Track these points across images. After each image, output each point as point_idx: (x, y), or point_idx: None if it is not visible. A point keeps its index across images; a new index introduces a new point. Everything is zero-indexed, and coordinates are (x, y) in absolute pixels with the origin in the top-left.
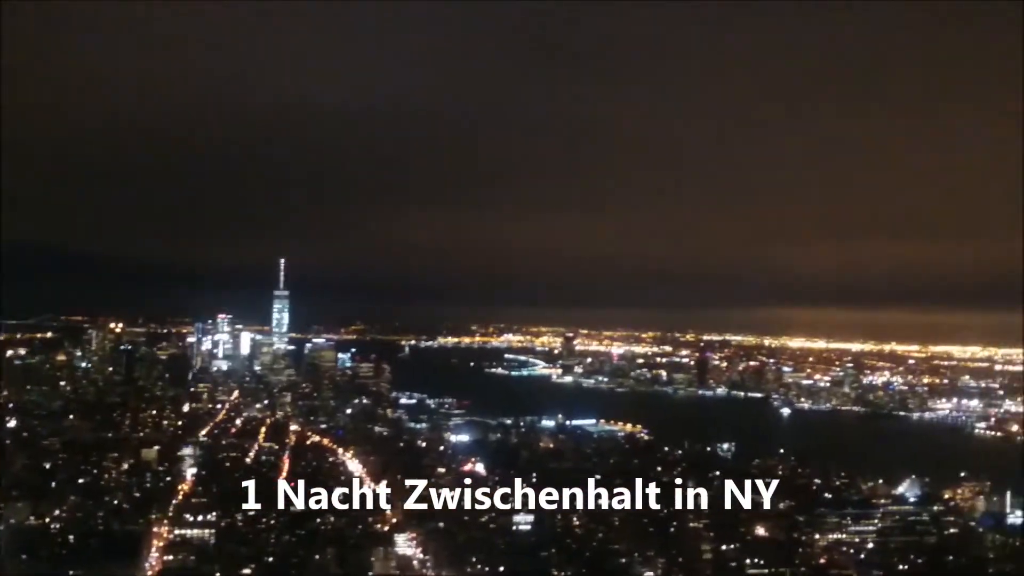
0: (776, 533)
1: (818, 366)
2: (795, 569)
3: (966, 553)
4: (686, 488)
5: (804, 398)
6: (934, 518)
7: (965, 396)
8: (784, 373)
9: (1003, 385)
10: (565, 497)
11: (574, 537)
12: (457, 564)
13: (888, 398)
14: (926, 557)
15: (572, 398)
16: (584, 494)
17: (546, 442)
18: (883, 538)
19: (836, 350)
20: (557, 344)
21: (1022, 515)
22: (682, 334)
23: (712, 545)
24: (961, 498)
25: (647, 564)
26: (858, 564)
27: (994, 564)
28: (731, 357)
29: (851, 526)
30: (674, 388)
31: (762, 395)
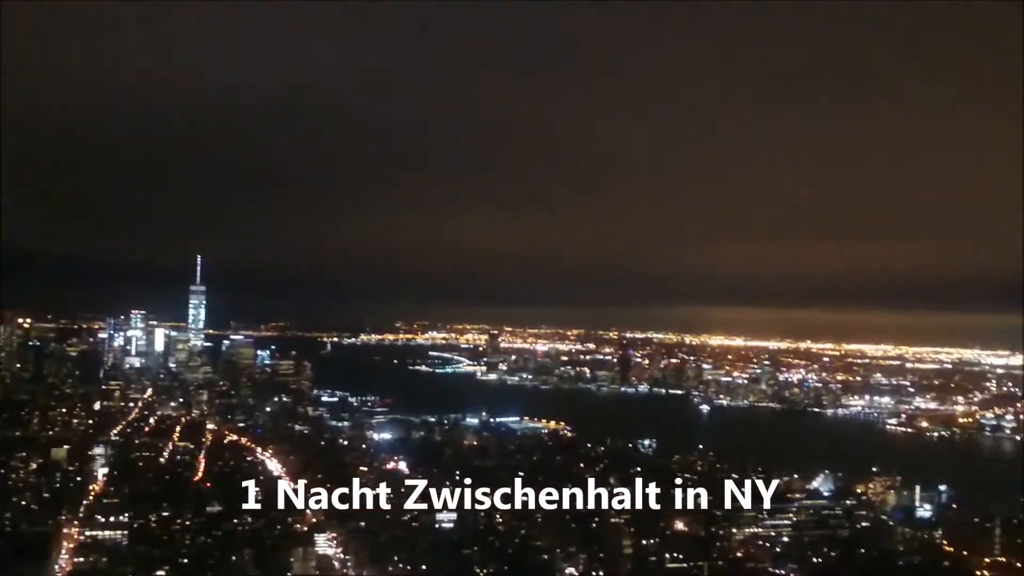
0: (694, 528)
1: (737, 363)
2: (712, 563)
3: (877, 546)
4: (608, 485)
5: (723, 395)
6: (847, 512)
7: (877, 393)
8: (704, 370)
9: (913, 382)
10: (488, 495)
11: (497, 535)
12: (379, 563)
13: (803, 395)
14: (839, 550)
15: (496, 395)
16: (507, 491)
17: (470, 440)
18: (798, 532)
19: (754, 348)
20: (482, 342)
21: (931, 509)
22: (605, 332)
23: (633, 540)
24: (873, 492)
25: (569, 560)
26: (774, 557)
27: (904, 556)
28: (653, 355)
29: (767, 520)
30: (597, 385)
31: (683, 392)
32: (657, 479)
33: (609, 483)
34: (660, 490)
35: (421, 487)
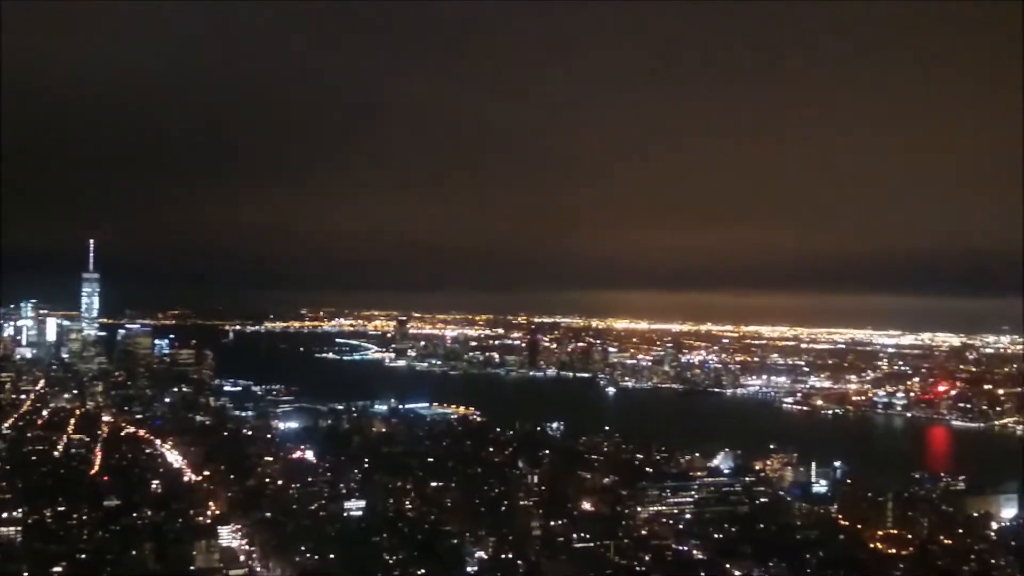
0: (601, 507)
1: (641, 346)
2: (618, 541)
3: (775, 521)
4: (517, 468)
5: (628, 377)
6: (746, 488)
7: (774, 373)
8: (610, 353)
9: (808, 362)
10: (397, 481)
11: (406, 520)
12: (285, 554)
13: (704, 376)
14: (739, 526)
15: (405, 382)
16: (417, 477)
17: (379, 427)
18: (700, 508)
19: (658, 331)
20: (390, 328)
21: (827, 484)
22: (514, 317)
23: (541, 522)
24: (771, 469)
25: (479, 543)
26: (677, 534)
27: (801, 531)
28: (561, 339)
29: (670, 498)
30: (506, 370)
31: (590, 375)
32: (565, 461)
33: (518, 466)
34: (568, 472)
35: (329, 476)
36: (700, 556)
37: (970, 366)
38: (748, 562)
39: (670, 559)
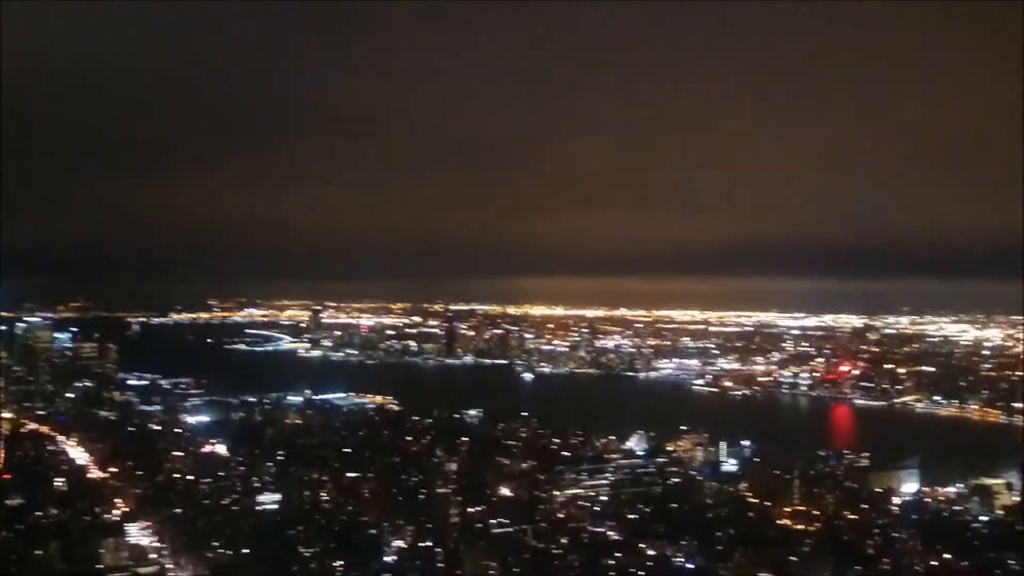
0: (519, 492)
1: (557, 332)
2: (536, 525)
3: (687, 500)
4: (434, 456)
5: (545, 363)
6: (659, 469)
7: (685, 356)
8: (527, 340)
9: (718, 345)
10: (313, 473)
11: (323, 512)
12: (197, 550)
13: (619, 360)
14: (652, 506)
15: (321, 372)
16: (333, 469)
17: (293, 418)
18: (615, 491)
19: (573, 316)
20: (304, 318)
21: (736, 463)
22: (431, 304)
23: (459, 509)
24: (683, 450)
25: (397, 533)
26: (593, 516)
27: (712, 509)
28: (478, 326)
29: (587, 481)
30: (424, 358)
31: (507, 362)
32: (483, 448)
33: (436, 454)
34: (486, 458)
35: (241, 469)
36: (615, 537)
37: (871, 346)
38: (661, 541)
39: (586, 541)
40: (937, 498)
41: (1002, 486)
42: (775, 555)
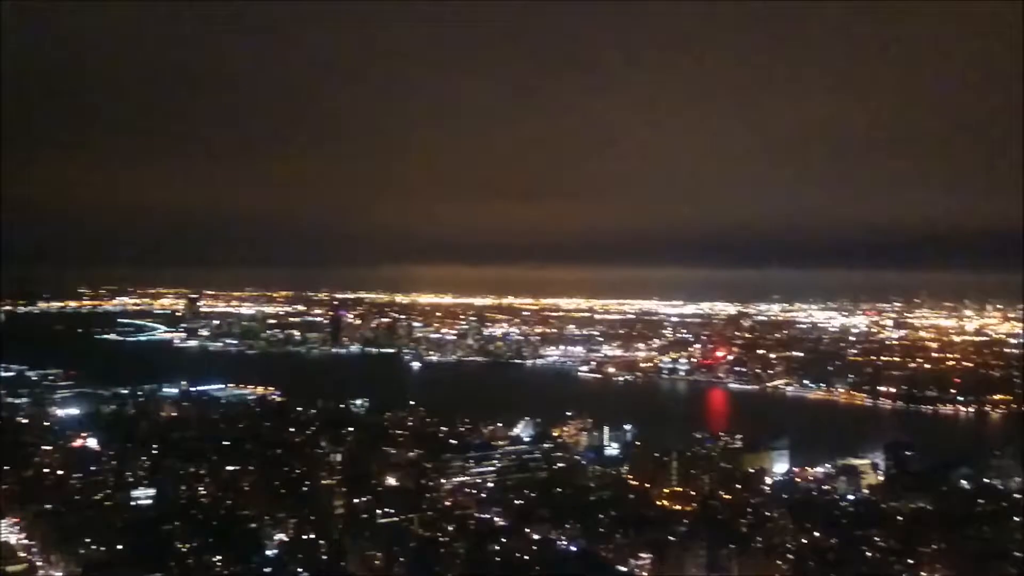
0: (406, 482)
1: (446, 320)
2: (423, 514)
3: (572, 484)
4: (319, 447)
5: (433, 351)
6: (545, 455)
7: (571, 343)
8: (415, 328)
9: (602, 332)
10: (190, 467)
11: (200, 507)
12: (68, 547)
13: (506, 348)
14: (538, 491)
15: (198, 363)
16: (212, 462)
17: (169, 411)
18: (501, 477)
19: (461, 305)
20: (180, 306)
21: (618, 447)
22: (315, 293)
23: (344, 500)
24: (568, 435)
25: (279, 526)
26: (479, 503)
27: (595, 492)
28: (365, 314)
29: (474, 468)
30: (308, 347)
31: (394, 350)
32: (369, 437)
33: (320, 445)
34: (372, 448)
35: (114, 464)
36: (502, 523)
37: (745, 332)
38: (546, 525)
39: (473, 528)
40: (807, 478)
41: (867, 466)
42: (654, 535)
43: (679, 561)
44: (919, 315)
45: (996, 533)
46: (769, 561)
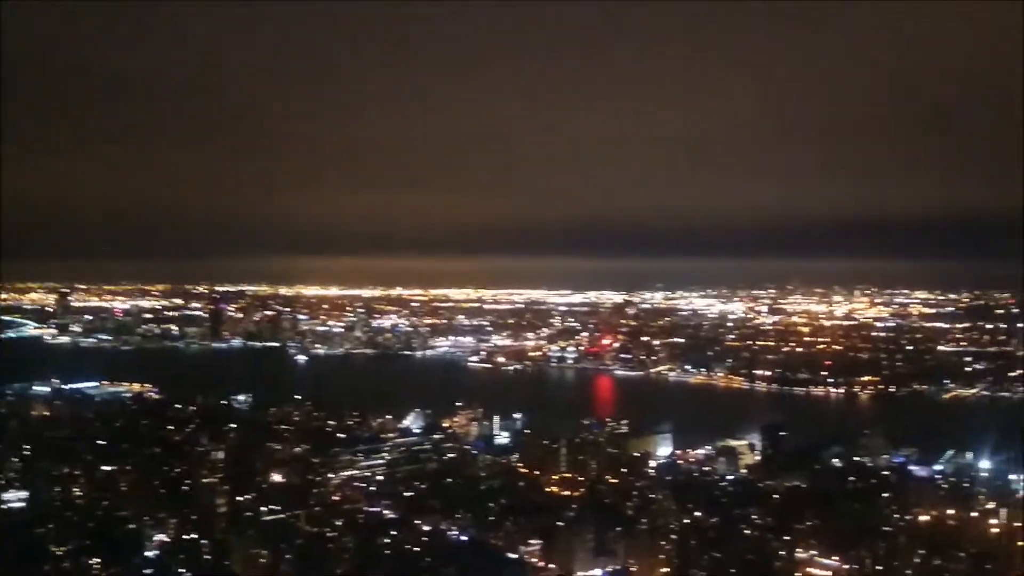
0: (292, 478)
1: (332, 312)
2: (310, 510)
3: (462, 474)
4: (199, 445)
5: (320, 344)
6: (435, 446)
7: (460, 334)
8: (300, 321)
9: (491, 322)
10: (64, 468)
11: (76, 509)
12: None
13: (395, 339)
14: (428, 482)
15: (70, 360)
16: (86, 462)
17: (39, 410)
18: (391, 469)
19: (349, 296)
20: (50, 301)
21: (508, 436)
22: (194, 286)
23: (227, 498)
24: (458, 425)
25: (159, 526)
26: (368, 497)
27: (485, 481)
28: (247, 308)
29: (363, 462)
30: (187, 342)
31: (279, 344)
32: (253, 434)
33: (201, 443)
34: (256, 444)
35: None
36: (391, 516)
37: (630, 320)
38: (436, 516)
39: (362, 522)
40: (688, 460)
41: (745, 447)
42: (543, 521)
43: (567, 545)
44: (792, 301)
45: (866, 509)
46: (653, 542)
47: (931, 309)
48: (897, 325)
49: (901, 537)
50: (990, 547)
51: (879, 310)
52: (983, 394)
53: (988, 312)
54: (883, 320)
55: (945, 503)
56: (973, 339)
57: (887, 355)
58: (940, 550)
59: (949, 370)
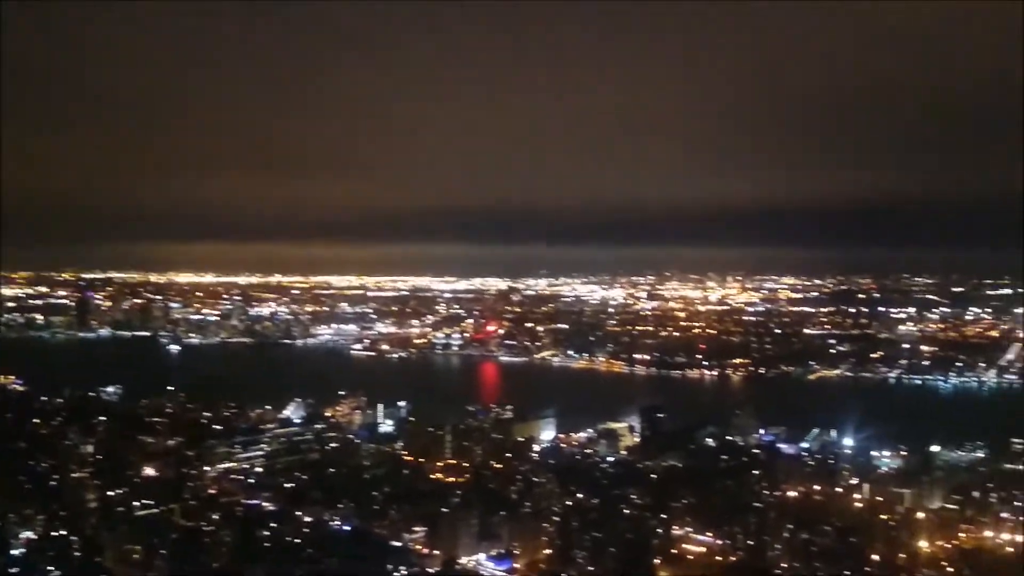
0: (166, 471)
1: (207, 300)
2: (185, 503)
3: (345, 464)
4: (67, 438)
5: (194, 333)
6: (317, 436)
7: (343, 321)
8: (172, 309)
9: (375, 309)
10: None
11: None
12: None
13: (275, 328)
14: (310, 473)
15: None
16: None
17: None
18: (271, 461)
19: (224, 284)
20: None
21: (393, 424)
22: (59, 273)
23: (98, 493)
24: (341, 415)
25: (26, 523)
26: (247, 489)
27: (369, 470)
28: (116, 296)
29: (240, 454)
30: (52, 332)
31: (150, 333)
32: (124, 427)
33: (69, 437)
34: (127, 437)
35: None
36: (271, 508)
37: (514, 307)
38: (319, 507)
39: (240, 514)
40: (571, 443)
41: (625, 429)
42: (428, 508)
43: (452, 531)
44: (669, 287)
45: (737, 486)
46: (536, 524)
47: (798, 294)
48: (766, 310)
49: (771, 512)
50: (854, 521)
51: (750, 295)
52: (846, 375)
53: (850, 297)
54: (753, 305)
55: (811, 479)
56: (836, 322)
57: (757, 338)
58: (807, 524)
59: (814, 352)
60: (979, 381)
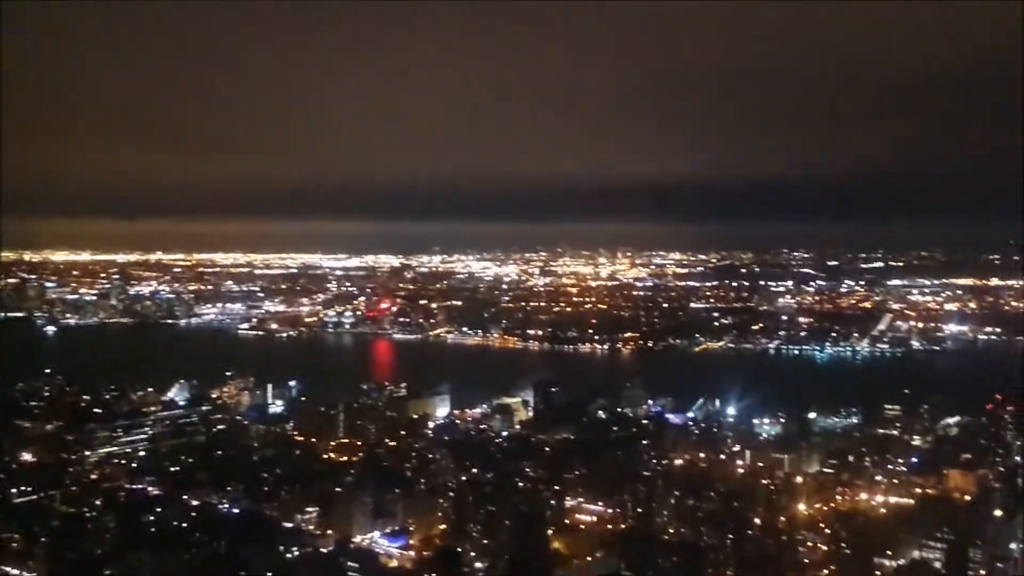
0: (44, 457)
1: (84, 280)
2: (65, 489)
3: (234, 445)
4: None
5: (71, 314)
6: (203, 417)
7: (229, 300)
8: (48, 289)
9: (263, 287)
10: None
11: None
12: None
13: (156, 307)
14: (197, 455)
15: None
16: None
17: None
18: (154, 444)
19: (102, 262)
20: None
21: (283, 404)
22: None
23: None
24: (228, 395)
25: None
26: (130, 473)
27: (258, 452)
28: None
29: (122, 438)
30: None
31: (24, 314)
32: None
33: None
34: (2, 422)
35: None
36: (156, 492)
37: (408, 284)
38: (206, 490)
39: (123, 499)
40: (466, 419)
41: (519, 404)
42: (320, 488)
43: (346, 510)
44: (561, 263)
45: (627, 456)
46: (432, 500)
47: (684, 269)
48: (654, 285)
49: (659, 480)
50: (737, 486)
51: (639, 271)
52: (729, 346)
53: (733, 271)
54: (642, 280)
55: (697, 447)
56: (720, 296)
57: (646, 313)
58: (693, 491)
59: (700, 325)
60: (853, 350)
